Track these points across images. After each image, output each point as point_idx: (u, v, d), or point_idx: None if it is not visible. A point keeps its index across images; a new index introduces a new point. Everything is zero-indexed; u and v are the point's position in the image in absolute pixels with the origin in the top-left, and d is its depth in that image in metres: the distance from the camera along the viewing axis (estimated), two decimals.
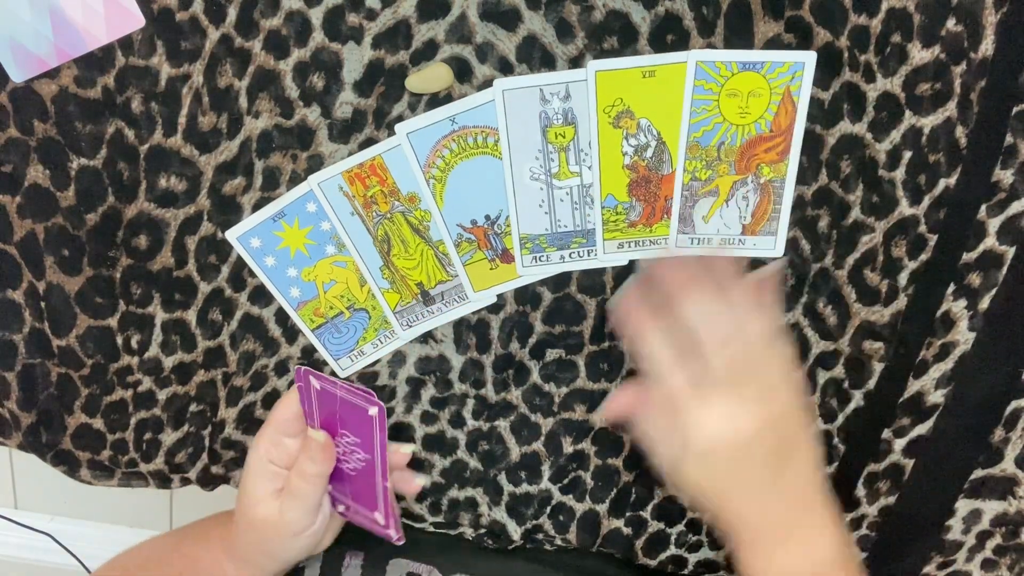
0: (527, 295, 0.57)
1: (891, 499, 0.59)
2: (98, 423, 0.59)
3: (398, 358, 0.59)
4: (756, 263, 0.55)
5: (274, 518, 0.52)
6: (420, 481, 0.54)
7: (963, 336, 0.55)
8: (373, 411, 0.51)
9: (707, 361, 0.47)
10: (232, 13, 0.50)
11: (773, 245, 0.54)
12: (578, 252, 0.55)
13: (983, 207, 0.52)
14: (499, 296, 0.57)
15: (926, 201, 0.52)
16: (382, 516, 0.55)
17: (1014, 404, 0.56)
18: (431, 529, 0.63)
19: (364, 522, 0.57)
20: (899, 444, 0.58)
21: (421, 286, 0.57)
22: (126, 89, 0.51)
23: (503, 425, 0.60)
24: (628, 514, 0.62)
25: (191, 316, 0.57)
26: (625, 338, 0.51)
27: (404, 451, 0.54)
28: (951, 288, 0.54)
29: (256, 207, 0.54)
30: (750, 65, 0.51)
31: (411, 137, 0.53)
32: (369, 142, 0.53)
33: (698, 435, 0.47)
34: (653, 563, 0.63)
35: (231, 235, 0.55)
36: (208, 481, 0.62)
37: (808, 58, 0.50)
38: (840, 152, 0.52)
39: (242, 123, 0.53)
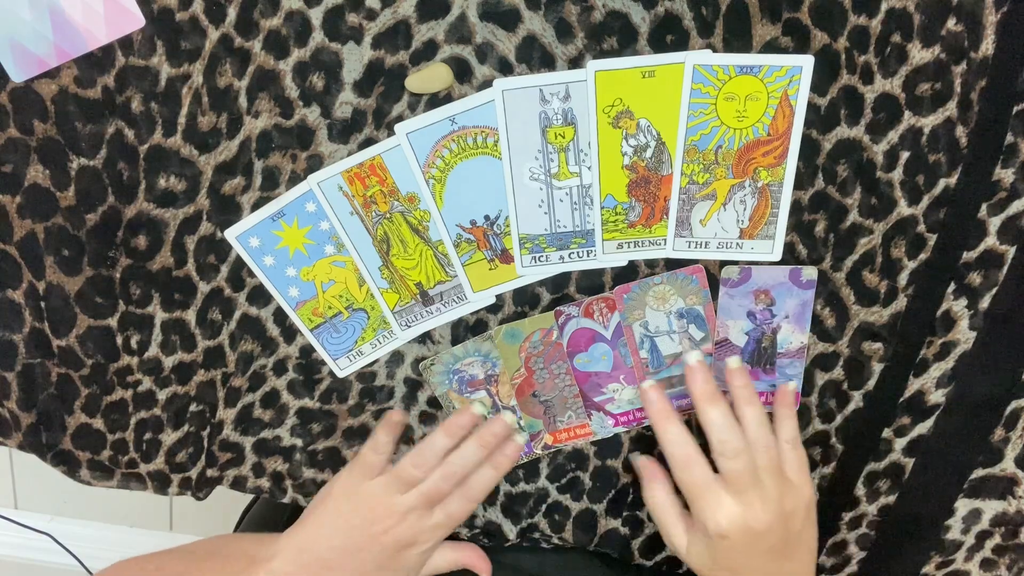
0: (526, 296, 0.57)
1: (891, 498, 0.59)
2: (98, 423, 0.59)
3: (396, 358, 0.59)
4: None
5: None
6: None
7: (964, 335, 0.55)
8: None
9: (731, 460, 0.53)
10: (232, 13, 0.50)
11: (771, 249, 0.54)
12: (577, 252, 0.55)
13: (983, 206, 0.52)
14: (498, 297, 0.57)
15: (925, 201, 0.52)
16: None
17: (1014, 404, 0.56)
18: None
19: None
20: (899, 443, 0.58)
21: (420, 286, 0.57)
22: (126, 89, 0.51)
23: None
24: (625, 514, 0.62)
25: (190, 316, 0.57)
26: (650, 419, 0.56)
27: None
28: (952, 287, 0.54)
29: (255, 207, 0.54)
30: (747, 69, 0.51)
31: (411, 137, 0.53)
32: (369, 142, 0.53)
33: (716, 522, 0.53)
34: (649, 563, 0.63)
35: (230, 234, 0.55)
36: (203, 485, 0.62)
37: (806, 62, 0.50)
38: (837, 156, 0.52)
39: (242, 123, 0.53)
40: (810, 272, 0.54)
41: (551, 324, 0.56)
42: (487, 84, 0.52)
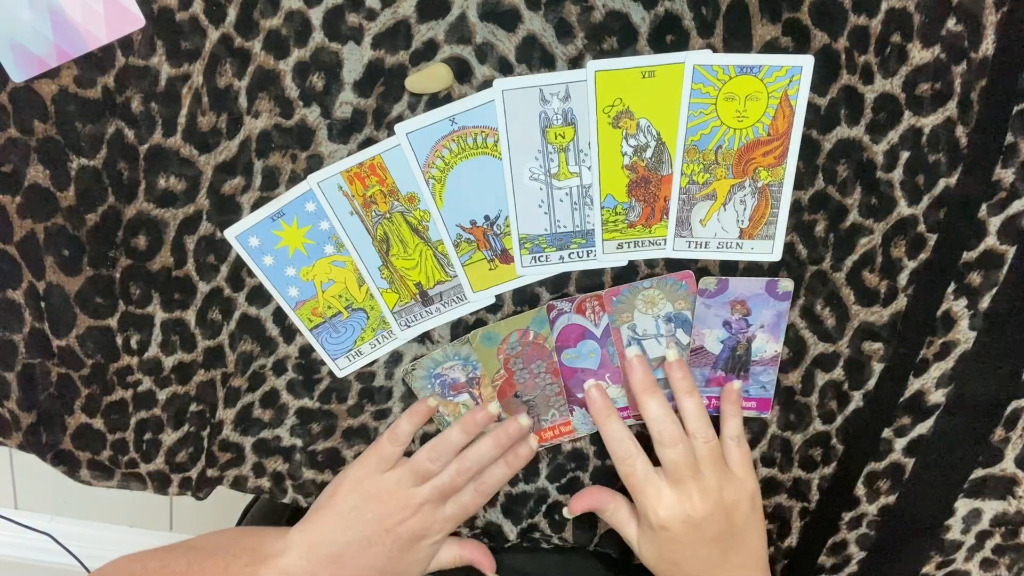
0: (525, 296, 0.57)
1: (891, 498, 0.59)
2: (98, 423, 0.59)
3: (395, 358, 0.59)
4: (755, 266, 0.55)
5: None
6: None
7: (964, 335, 0.55)
8: None
9: (669, 449, 0.54)
10: (232, 13, 0.50)
11: (771, 249, 0.54)
12: (577, 252, 0.55)
13: (984, 206, 0.52)
14: (497, 297, 0.57)
15: (925, 201, 0.52)
16: None
17: (1014, 404, 0.56)
18: None
19: None
20: (900, 443, 0.58)
21: (420, 286, 0.57)
22: (126, 89, 0.51)
23: None
24: None
25: (190, 316, 0.57)
26: (593, 417, 0.58)
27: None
28: (952, 287, 0.54)
29: (255, 207, 0.54)
30: (747, 69, 0.50)
31: (411, 137, 0.53)
32: (369, 142, 0.53)
33: (656, 513, 0.54)
34: None
35: (230, 234, 0.55)
36: (203, 485, 0.62)
37: (806, 62, 0.50)
38: (837, 156, 0.52)
39: (242, 123, 0.53)
40: (786, 284, 0.54)
41: (526, 324, 0.57)
42: (487, 84, 0.52)
